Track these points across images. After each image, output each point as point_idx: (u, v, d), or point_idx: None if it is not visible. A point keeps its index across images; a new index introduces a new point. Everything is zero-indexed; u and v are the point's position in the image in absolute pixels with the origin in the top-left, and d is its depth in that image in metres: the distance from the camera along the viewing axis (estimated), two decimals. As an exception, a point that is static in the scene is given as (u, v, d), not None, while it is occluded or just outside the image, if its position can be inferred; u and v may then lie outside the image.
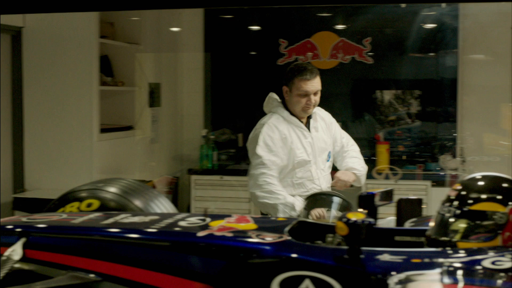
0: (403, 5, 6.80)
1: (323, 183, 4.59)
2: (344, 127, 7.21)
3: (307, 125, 4.61)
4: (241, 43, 7.55)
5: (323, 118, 4.71)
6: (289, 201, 4.35)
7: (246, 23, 7.50)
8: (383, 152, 6.77)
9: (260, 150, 4.47)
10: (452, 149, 7.08)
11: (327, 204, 4.06)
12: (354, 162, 4.67)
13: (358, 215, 2.34)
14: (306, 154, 4.52)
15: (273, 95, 4.73)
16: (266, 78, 7.43)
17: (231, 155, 7.46)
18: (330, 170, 4.71)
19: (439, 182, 6.64)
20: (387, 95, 7.26)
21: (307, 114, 4.56)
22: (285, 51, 7.37)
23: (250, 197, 4.79)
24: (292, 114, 4.55)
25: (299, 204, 4.33)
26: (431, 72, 7.21)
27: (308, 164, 4.52)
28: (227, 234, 2.59)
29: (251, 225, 2.73)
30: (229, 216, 2.88)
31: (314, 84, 4.44)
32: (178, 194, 7.37)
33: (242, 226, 2.72)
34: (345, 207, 3.78)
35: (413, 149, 7.23)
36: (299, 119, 4.56)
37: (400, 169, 6.66)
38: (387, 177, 4.55)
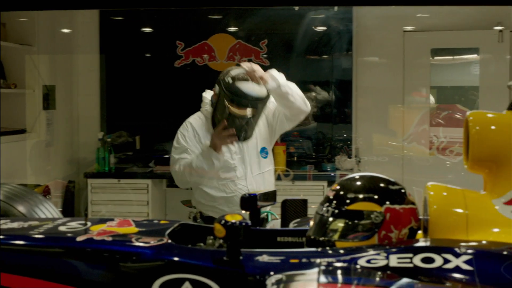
0: (296, 8, 6.87)
1: (256, 183, 4.45)
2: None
3: None
4: (138, 45, 7.48)
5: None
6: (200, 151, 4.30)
7: (142, 25, 7.44)
8: (280, 154, 6.81)
9: (173, 151, 4.44)
10: (347, 149, 7.19)
11: None
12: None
13: (235, 217, 2.35)
14: (230, 154, 4.39)
15: (205, 94, 4.55)
16: (164, 80, 7.40)
17: (128, 158, 7.37)
18: (271, 167, 4.59)
19: (335, 182, 6.72)
20: (284, 97, 7.31)
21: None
22: (182, 53, 7.34)
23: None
24: None
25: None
26: (327, 74, 7.31)
27: (231, 165, 4.41)
28: (106, 239, 2.56)
29: (132, 229, 2.71)
30: (111, 220, 2.85)
31: None
32: (74, 198, 7.23)
33: (122, 230, 2.69)
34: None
35: (310, 150, 7.31)
36: None
37: (296, 170, 6.73)
38: (279, 178, 4.58)
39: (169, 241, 2.55)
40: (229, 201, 4.37)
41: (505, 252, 2.34)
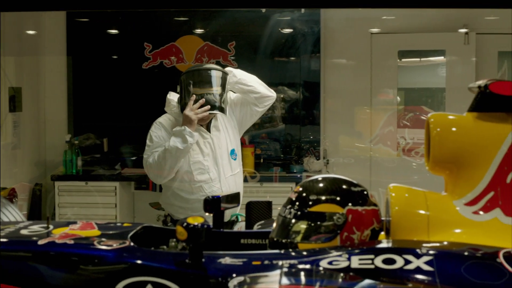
0: (263, 10, 6.88)
1: (228, 185, 4.46)
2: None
3: (208, 124, 4.49)
4: (105, 47, 7.43)
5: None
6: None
7: (108, 27, 7.40)
8: (248, 155, 6.81)
9: (146, 150, 4.41)
10: (313, 151, 7.21)
11: None
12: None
13: (197, 219, 2.35)
14: (202, 156, 4.42)
15: (170, 96, 4.58)
16: (131, 82, 7.36)
17: (95, 160, 7.33)
18: (240, 169, 4.62)
19: (300, 184, 6.73)
20: (252, 99, 7.32)
21: (202, 122, 4.45)
22: (150, 55, 7.31)
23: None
24: None
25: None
26: (295, 76, 7.32)
27: (205, 167, 4.42)
28: (68, 242, 2.55)
29: (95, 232, 2.70)
30: (74, 223, 2.84)
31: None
32: (41, 201, 7.18)
33: (85, 233, 2.68)
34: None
35: (278, 152, 7.32)
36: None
37: (264, 172, 6.74)
38: (245, 180, 4.59)
39: (132, 244, 2.54)
40: None
41: (465, 253, 2.37)
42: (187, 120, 4.27)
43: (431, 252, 2.34)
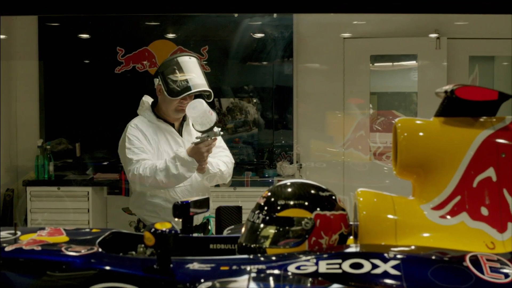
0: (235, 15, 6.89)
1: (198, 189, 4.38)
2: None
3: (180, 128, 4.44)
4: (77, 51, 7.39)
5: None
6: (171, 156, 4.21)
7: (80, 31, 7.37)
8: (221, 160, 6.81)
9: (129, 153, 4.25)
10: (285, 155, 7.22)
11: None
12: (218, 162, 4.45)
13: (165, 225, 2.35)
14: None
15: (145, 98, 4.51)
16: (104, 86, 7.33)
17: (68, 165, 7.28)
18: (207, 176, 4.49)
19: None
20: (225, 103, 7.33)
21: (180, 115, 4.40)
22: (122, 60, 7.29)
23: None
24: (159, 117, 4.39)
25: (182, 150, 4.20)
26: (268, 80, 7.33)
27: None
28: (36, 248, 2.53)
29: (63, 238, 2.69)
30: (42, 229, 2.82)
31: None
32: (13, 207, 7.12)
33: (53, 239, 2.67)
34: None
35: (251, 156, 7.32)
36: (170, 122, 4.40)
37: (237, 176, 6.72)
38: (217, 185, 4.58)
39: (100, 249, 2.53)
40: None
41: (432, 257, 2.39)
42: (198, 154, 4.16)
43: (398, 256, 2.36)
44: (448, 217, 2.59)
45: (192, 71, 4.31)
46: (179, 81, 4.25)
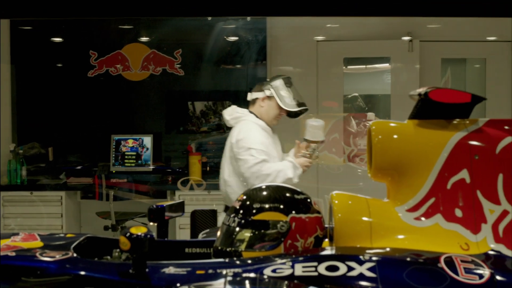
0: (209, 18, 6.88)
1: None
2: (159, 138, 7.25)
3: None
4: (50, 55, 7.34)
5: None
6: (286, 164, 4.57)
7: (52, 35, 7.32)
8: (195, 163, 6.79)
9: (255, 152, 4.58)
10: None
11: None
12: None
13: (140, 229, 2.34)
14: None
15: (236, 108, 4.95)
16: (76, 90, 7.29)
17: (41, 169, 7.23)
18: None
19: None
20: (199, 106, 7.31)
21: (277, 124, 4.82)
22: (96, 63, 7.25)
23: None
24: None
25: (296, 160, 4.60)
26: (241, 83, 7.33)
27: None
28: (10, 254, 2.51)
29: (37, 243, 2.67)
30: (16, 234, 2.80)
31: None
32: (-15, 212, 7.06)
33: (27, 244, 2.65)
34: None
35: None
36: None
37: (212, 179, 6.70)
38: (191, 188, 4.57)
39: (75, 255, 2.51)
40: None
41: (407, 259, 2.40)
42: (304, 166, 4.60)
43: (373, 258, 2.37)
44: (423, 219, 2.60)
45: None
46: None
